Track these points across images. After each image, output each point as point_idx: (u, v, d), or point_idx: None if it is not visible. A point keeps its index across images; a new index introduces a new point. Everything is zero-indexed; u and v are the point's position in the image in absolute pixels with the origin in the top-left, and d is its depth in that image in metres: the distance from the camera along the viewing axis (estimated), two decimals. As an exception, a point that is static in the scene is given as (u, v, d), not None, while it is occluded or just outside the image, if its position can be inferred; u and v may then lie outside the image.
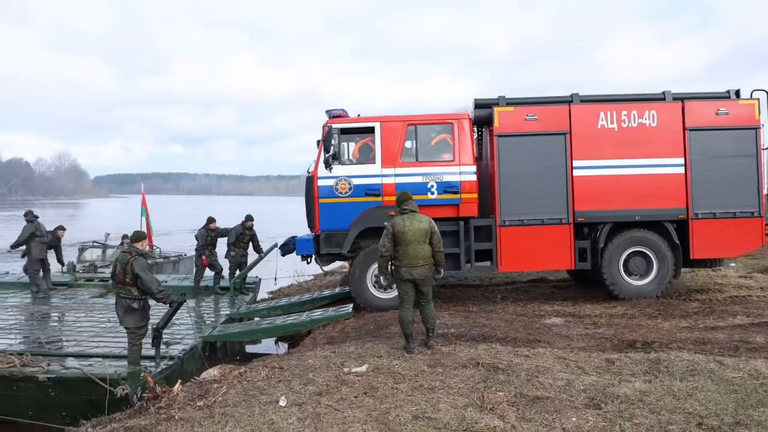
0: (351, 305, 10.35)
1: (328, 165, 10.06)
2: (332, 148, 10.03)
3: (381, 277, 7.67)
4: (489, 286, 12.11)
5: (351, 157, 10.56)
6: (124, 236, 15.82)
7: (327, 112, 10.54)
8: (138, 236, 8.08)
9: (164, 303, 7.91)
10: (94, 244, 19.39)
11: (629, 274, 10.32)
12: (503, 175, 10.12)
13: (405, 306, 7.15)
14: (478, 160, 10.84)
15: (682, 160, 10.12)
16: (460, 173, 10.11)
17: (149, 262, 8.40)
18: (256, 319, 11.36)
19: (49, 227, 14.55)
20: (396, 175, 10.15)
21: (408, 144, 10.28)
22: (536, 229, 10.06)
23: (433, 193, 10.08)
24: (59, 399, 7.33)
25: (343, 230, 10.12)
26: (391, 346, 7.37)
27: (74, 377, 7.23)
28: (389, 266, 7.22)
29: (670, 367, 6.25)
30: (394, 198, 9.74)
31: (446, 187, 10.08)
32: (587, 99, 10.36)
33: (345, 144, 10.56)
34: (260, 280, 14.45)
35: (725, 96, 10.39)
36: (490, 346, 7.28)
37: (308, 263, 10.88)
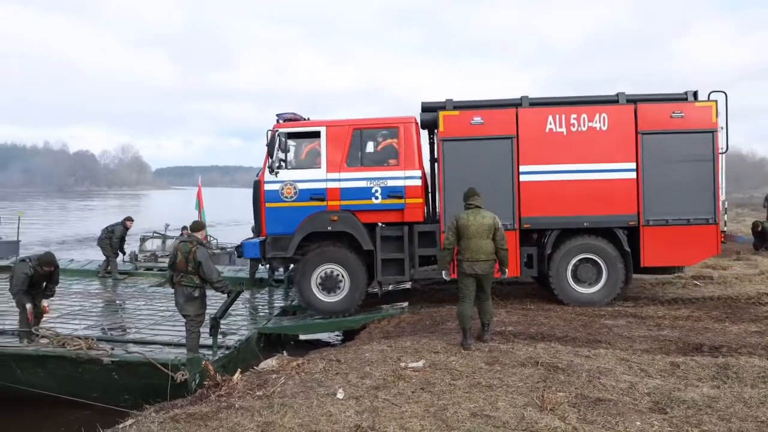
0: (406, 302, 10.32)
1: (272, 170, 9.98)
2: (277, 152, 10.00)
3: (443, 273, 7.67)
4: (546, 284, 11.86)
5: (298, 162, 10.42)
6: (184, 227, 16.20)
7: (277, 115, 10.46)
8: (198, 226, 8.33)
9: (222, 292, 8.12)
10: (155, 234, 19.92)
11: (578, 281, 9.93)
12: (448, 180, 9.84)
13: (465, 301, 7.17)
14: (434, 164, 10.64)
15: (633, 165, 9.69)
16: (405, 178, 9.86)
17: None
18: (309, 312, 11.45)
19: (114, 218, 15.06)
20: (340, 180, 9.97)
21: (354, 148, 10.05)
22: None
23: (377, 198, 9.86)
24: (122, 382, 7.57)
25: (289, 234, 9.98)
26: (447, 342, 7.31)
27: (136, 361, 7.45)
28: (450, 260, 7.28)
29: (739, 373, 6.00)
30: (338, 203, 9.86)
31: (390, 192, 9.82)
32: (537, 102, 10.05)
33: (293, 148, 10.52)
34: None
35: (682, 98, 9.91)
36: (549, 345, 7.14)
37: (262, 266, 10.86)
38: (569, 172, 9.73)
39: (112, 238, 14.45)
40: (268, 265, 10.56)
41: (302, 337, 11.37)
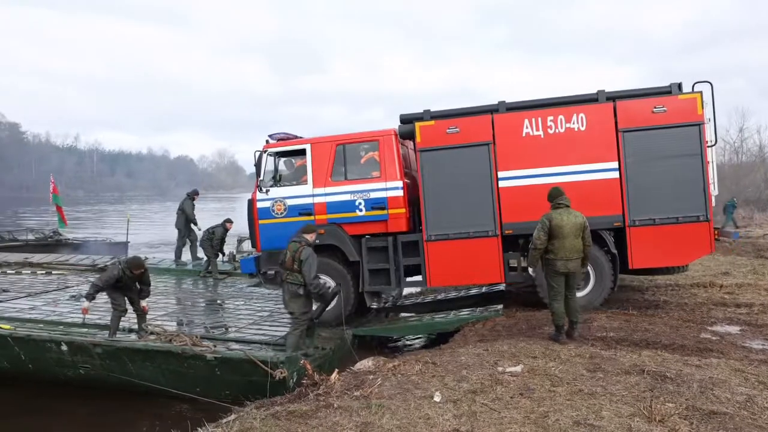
0: (501, 305, 10.15)
1: (261, 189, 10.41)
2: (263, 172, 10.36)
3: (530, 270, 7.67)
4: (649, 288, 11.36)
5: (287, 179, 10.68)
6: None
7: (270, 136, 10.79)
8: (309, 228, 8.70)
9: (316, 292, 8.29)
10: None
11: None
12: (427, 189, 9.85)
13: (558, 299, 7.34)
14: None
15: (615, 164, 9.23)
16: (386, 189, 9.98)
17: None
18: (403, 314, 11.49)
19: (214, 220, 15.70)
20: (326, 195, 10.22)
21: (337, 163, 10.26)
22: (463, 242, 9.70)
23: (361, 210, 10.05)
24: (224, 378, 7.84)
25: (283, 249, 9.99)
26: (545, 347, 7.12)
27: (237, 358, 7.71)
28: (539, 258, 7.41)
29: None
30: (325, 216, 10.08)
31: (374, 204, 10.00)
32: (514, 106, 9.75)
33: (282, 167, 10.87)
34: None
35: (666, 91, 9.27)
36: (655, 352, 6.81)
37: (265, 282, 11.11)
38: (549, 175, 9.43)
39: (213, 240, 15.01)
40: None
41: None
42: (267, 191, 10.46)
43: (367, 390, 5.76)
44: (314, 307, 8.70)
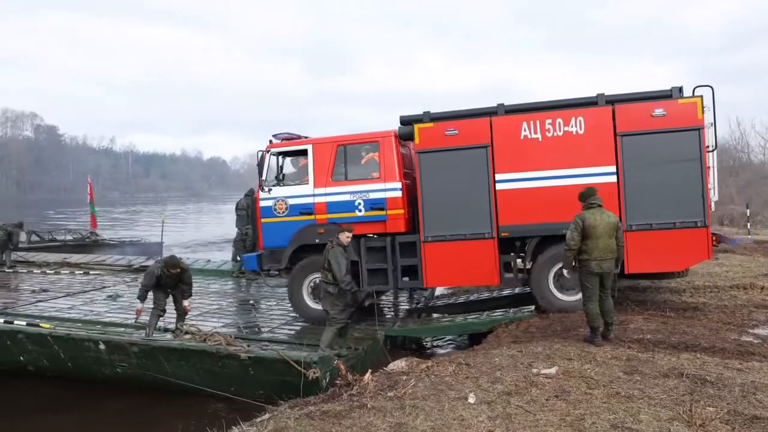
0: (533, 306, 10.06)
1: (263, 188, 10.60)
2: (266, 171, 10.56)
3: (565, 271, 7.58)
4: (687, 290, 11.12)
5: (290, 179, 10.82)
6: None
7: (274, 135, 10.94)
8: (342, 228, 8.82)
9: (348, 290, 8.41)
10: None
11: (561, 289, 9.53)
12: (425, 191, 9.85)
13: (592, 300, 7.28)
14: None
15: (613, 168, 9.13)
16: (385, 190, 10.06)
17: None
18: (435, 315, 11.45)
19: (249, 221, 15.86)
20: (326, 195, 10.33)
21: (338, 164, 10.36)
22: (459, 244, 9.72)
23: (360, 210, 10.15)
24: (257, 377, 7.91)
25: (284, 247, 10.47)
26: (581, 348, 7.02)
27: (271, 358, 7.77)
28: (574, 259, 7.39)
29: None
30: (325, 216, 10.19)
31: (373, 204, 10.10)
32: (513, 109, 9.69)
33: (285, 167, 11.01)
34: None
35: (667, 95, 9.11)
36: (695, 355, 6.67)
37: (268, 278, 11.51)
38: (546, 179, 9.40)
39: (246, 240, 15.17)
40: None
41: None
42: (269, 190, 10.63)
43: (400, 391, 5.75)
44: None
